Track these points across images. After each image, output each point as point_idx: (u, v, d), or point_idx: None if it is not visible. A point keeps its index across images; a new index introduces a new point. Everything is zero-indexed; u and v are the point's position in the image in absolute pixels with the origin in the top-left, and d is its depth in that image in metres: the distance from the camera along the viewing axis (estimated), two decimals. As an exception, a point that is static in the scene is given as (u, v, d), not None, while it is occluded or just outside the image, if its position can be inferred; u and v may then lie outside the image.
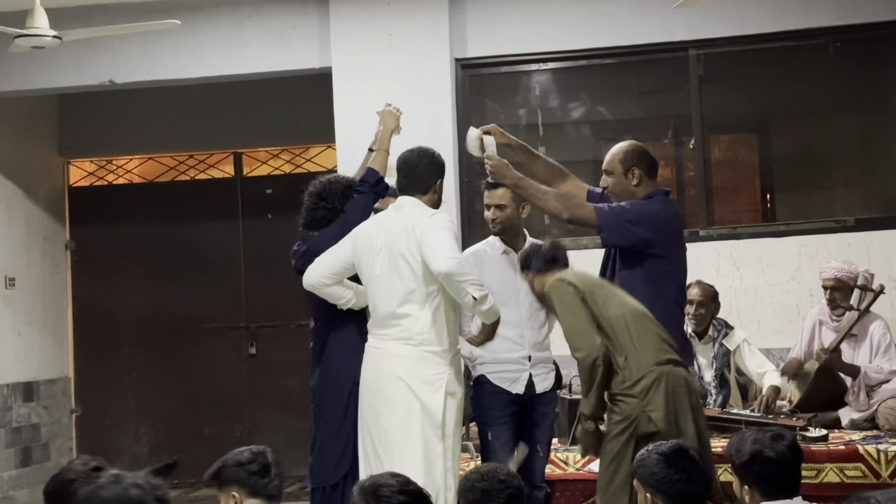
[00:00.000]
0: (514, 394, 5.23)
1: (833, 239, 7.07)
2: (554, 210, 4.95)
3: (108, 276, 9.29)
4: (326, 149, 8.87)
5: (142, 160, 9.54)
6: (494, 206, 5.27)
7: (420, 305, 4.76)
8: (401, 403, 4.73)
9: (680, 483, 3.58)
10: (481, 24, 7.47)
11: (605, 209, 4.89)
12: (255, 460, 3.65)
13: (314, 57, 7.59)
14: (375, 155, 5.33)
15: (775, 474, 3.68)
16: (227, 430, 9.02)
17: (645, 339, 4.45)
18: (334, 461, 5.05)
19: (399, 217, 4.87)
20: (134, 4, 7.53)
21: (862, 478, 5.34)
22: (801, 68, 7.52)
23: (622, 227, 4.83)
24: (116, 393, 9.25)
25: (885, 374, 6.12)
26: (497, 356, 5.24)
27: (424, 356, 4.75)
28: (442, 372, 4.75)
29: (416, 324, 4.76)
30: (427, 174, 4.97)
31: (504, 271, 5.29)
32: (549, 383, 5.33)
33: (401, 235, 4.79)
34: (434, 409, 4.71)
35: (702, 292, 6.45)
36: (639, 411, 4.35)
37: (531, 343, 5.26)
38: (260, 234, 9.15)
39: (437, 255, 4.67)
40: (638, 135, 7.57)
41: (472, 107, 7.54)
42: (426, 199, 4.95)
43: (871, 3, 7.13)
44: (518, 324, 5.23)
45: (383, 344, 4.83)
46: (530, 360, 5.25)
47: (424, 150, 5.05)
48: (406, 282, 4.77)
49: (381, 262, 4.82)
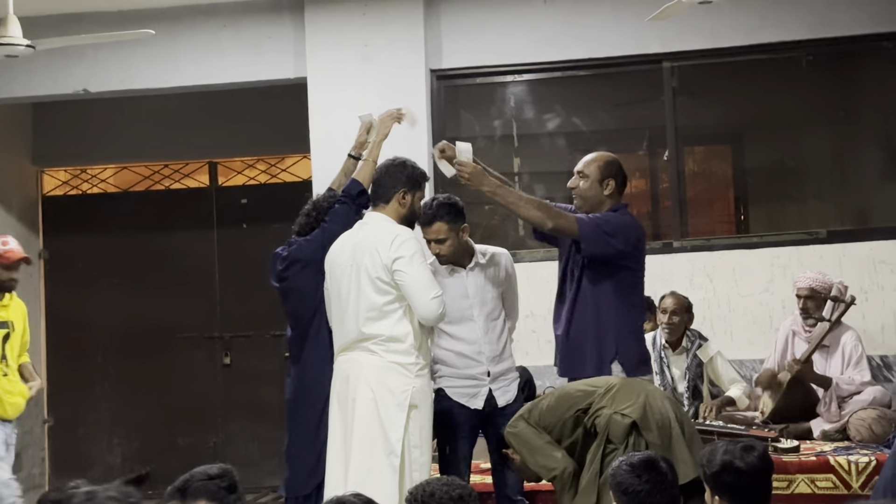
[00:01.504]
0: (473, 409, 5.20)
1: (805, 251, 7.12)
2: (537, 219, 4.92)
3: (81, 286, 9.25)
4: (302, 159, 8.86)
5: (116, 169, 9.50)
6: (434, 241, 5.17)
7: (387, 321, 4.77)
8: (365, 416, 4.73)
9: (643, 494, 3.62)
10: (457, 35, 7.48)
11: (585, 219, 4.91)
12: (224, 476, 3.61)
13: (289, 67, 7.59)
14: (363, 165, 5.28)
15: (745, 485, 3.70)
16: (201, 440, 8.98)
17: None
18: (307, 471, 5.05)
19: (364, 234, 4.86)
20: (108, 14, 7.51)
21: (833, 489, 5.37)
22: (774, 81, 7.57)
23: (601, 238, 4.87)
24: (89, 403, 9.20)
25: (857, 386, 6.15)
26: (456, 371, 5.22)
27: (391, 367, 4.75)
28: (408, 385, 4.74)
29: (384, 338, 4.76)
30: (389, 182, 4.95)
31: (455, 290, 5.22)
32: (511, 395, 5.25)
33: (366, 254, 4.79)
34: (393, 425, 4.69)
35: (676, 302, 6.50)
36: (610, 415, 4.41)
37: (489, 358, 5.21)
38: (235, 244, 9.12)
39: (421, 303, 4.69)
40: (612, 146, 7.61)
41: (448, 118, 7.55)
42: (390, 209, 4.92)
43: (844, 17, 7.19)
44: (474, 340, 5.20)
45: (352, 355, 4.83)
46: (489, 376, 5.22)
47: (394, 159, 5.03)
48: (372, 299, 4.77)
49: (348, 278, 4.83)
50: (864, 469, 5.39)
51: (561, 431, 4.60)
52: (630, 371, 4.89)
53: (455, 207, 5.18)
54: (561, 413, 4.60)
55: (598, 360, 4.91)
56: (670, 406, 4.53)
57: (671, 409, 4.51)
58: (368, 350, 4.78)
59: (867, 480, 5.35)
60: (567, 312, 5.03)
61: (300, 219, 5.26)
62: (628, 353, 4.94)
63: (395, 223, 4.88)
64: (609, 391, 4.54)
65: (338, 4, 7.41)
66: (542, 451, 4.57)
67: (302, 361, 5.16)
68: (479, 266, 5.29)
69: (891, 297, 7.00)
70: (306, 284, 5.10)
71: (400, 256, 4.72)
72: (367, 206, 5.15)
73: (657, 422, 4.38)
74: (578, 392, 4.66)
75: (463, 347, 5.17)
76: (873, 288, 7.01)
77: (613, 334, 4.92)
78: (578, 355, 4.98)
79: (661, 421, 4.39)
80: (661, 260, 7.16)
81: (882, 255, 7.04)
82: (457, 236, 5.18)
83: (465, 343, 5.17)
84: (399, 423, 4.68)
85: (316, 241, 5.11)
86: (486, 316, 5.22)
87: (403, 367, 4.75)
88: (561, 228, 4.92)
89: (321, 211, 5.20)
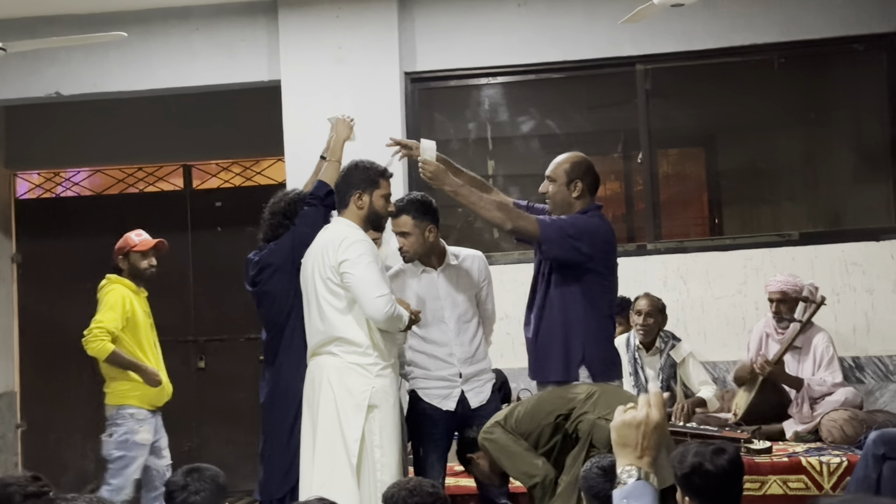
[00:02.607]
0: (445, 410, 5.21)
1: (778, 253, 7.16)
2: (497, 220, 4.92)
3: (55, 290, 9.19)
4: (276, 162, 8.84)
5: (90, 172, 9.46)
6: (399, 234, 5.21)
7: (342, 323, 4.81)
8: (326, 418, 4.76)
9: None
10: (431, 37, 7.49)
11: (547, 222, 4.89)
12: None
13: (263, 70, 7.58)
14: (326, 166, 5.33)
15: (714, 487, 3.71)
16: (176, 444, 8.83)
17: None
18: (281, 474, 5.06)
19: (321, 238, 4.94)
20: (80, 16, 7.47)
21: (805, 490, 5.41)
22: (747, 84, 7.61)
23: (563, 241, 4.85)
24: (63, 408, 9.13)
25: (829, 387, 6.19)
26: (427, 373, 5.23)
27: (351, 368, 4.78)
28: (367, 385, 4.76)
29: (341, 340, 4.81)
30: (344, 187, 5.00)
31: (426, 292, 5.25)
32: (484, 396, 5.25)
33: (319, 257, 4.86)
34: (350, 426, 4.71)
35: (650, 304, 6.53)
36: (594, 420, 4.43)
37: (461, 360, 5.22)
38: (209, 247, 9.09)
39: (367, 302, 4.73)
40: (587, 149, 7.61)
41: (422, 120, 7.55)
42: (350, 213, 4.96)
43: (814, 20, 7.24)
44: (446, 342, 5.21)
45: (318, 359, 4.88)
46: (461, 377, 5.23)
47: (348, 164, 5.07)
48: (327, 300, 4.83)
49: (312, 282, 4.90)
50: (835, 470, 5.43)
51: (538, 437, 4.60)
52: (597, 376, 4.89)
53: (424, 205, 5.19)
54: (539, 419, 4.61)
55: (565, 364, 4.91)
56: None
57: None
58: (330, 352, 4.84)
59: (839, 481, 5.40)
60: (536, 315, 5.04)
61: (263, 226, 5.28)
62: (595, 357, 4.94)
63: (352, 226, 4.92)
64: (591, 397, 4.56)
65: (311, 7, 7.40)
66: (522, 458, 4.58)
67: (276, 365, 5.17)
68: (450, 267, 5.29)
69: (862, 299, 7.05)
70: (279, 288, 5.12)
71: (346, 259, 4.77)
72: (335, 206, 5.20)
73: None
74: (558, 398, 4.66)
75: (434, 349, 5.18)
76: (845, 289, 7.05)
77: (580, 338, 4.92)
78: (546, 358, 4.99)
79: None
80: (634, 262, 7.19)
81: (854, 256, 7.09)
82: (422, 234, 5.18)
83: (436, 345, 5.18)
84: (357, 425, 4.71)
85: (286, 244, 5.14)
86: (457, 318, 5.22)
87: (363, 368, 4.78)
88: (521, 230, 4.91)
89: (285, 214, 5.20)
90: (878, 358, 7.00)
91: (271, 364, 5.22)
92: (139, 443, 6.21)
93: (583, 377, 4.88)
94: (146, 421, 6.25)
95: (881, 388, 6.99)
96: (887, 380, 6.99)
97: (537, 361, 5.03)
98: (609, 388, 4.69)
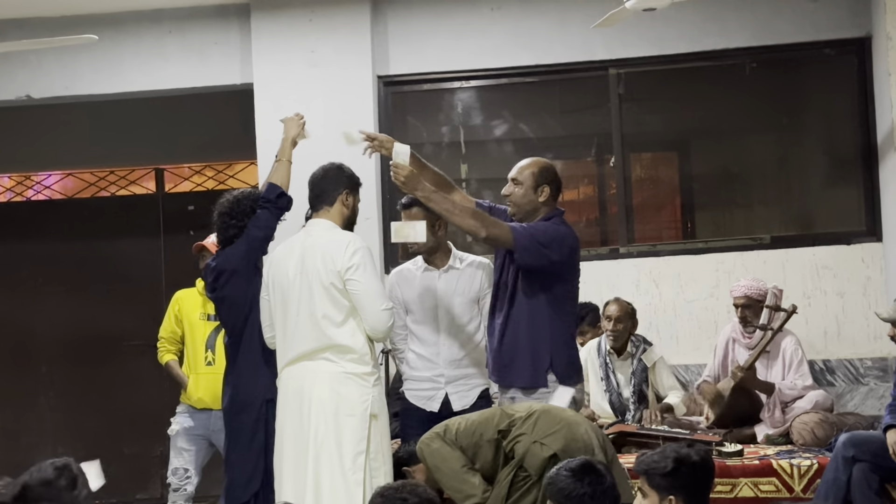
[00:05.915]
0: (429, 411, 5.22)
1: (750, 256, 7.19)
2: (471, 228, 4.87)
3: (26, 294, 9.13)
4: (249, 165, 8.82)
5: (61, 176, 9.41)
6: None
7: (342, 330, 4.74)
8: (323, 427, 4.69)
9: (586, 497, 3.61)
10: (404, 41, 7.49)
11: (519, 229, 4.88)
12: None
13: (236, 73, 7.56)
14: (276, 166, 5.30)
15: (702, 479, 3.75)
16: (148, 449, 8.89)
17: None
18: (245, 479, 5.03)
19: (313, 242, 4.84)
20: (51, 19, 7.43)
21: (776, 492, 5.42)
22: (719, 88, 7.63)
23: (535, 249, 4.84)
24: (34, 412, 9.08)
25: (799, 391, 6.21)
26: (415, 373, 5.25)
27: (350, 378, 4.72)
28: (367, 395, 4.72)
29: (341, 348, 4.73)
30: (331, 185, 4.95)
31: (424, 289, 5.29)
32: (468, 400, 5.28)
33: (318, 261, 4.76)
34: (354, 437, 4.67)
35: (619, 309, 6.52)
36: (529, 444, 4.40)
37: (447, 361, 5.24)
38: (182, 251, 8.96)
39: (371, 313, 4.69)
40: (560, 153, 7.68)
41: (395, 124, 7.54)
42: (334, 212, 4.92)
43: (786, 25, 7.28)
44: (434, 342, 5.23)
45: (308, 364, 4.77)
46: (444, 378, 5.23)
47: (329, 164, 5.05)
48: (326, 307, 4.74)
49: (298, 289, 4.80)
50: (806, 472, 5.45)
51: (475, 452, 4.56)
52: (563, 380, 4.90)
53: None
54: (480, 433, 4.56)
55: (533, 370, 4.90)
56: (593, 433, 4.49)
57: (594, 435, 4.47)
58: (326, 359, 4.74)
59: (809, 484, 5.42)
60: (501, 321, 5.01)
61: (219, 234, 5.25)
62: (561, 362, 4.94)
63: (339, 229, 4.88)
64: (530, 417, 4.50)
65: (284, 10, 7.39)
66: (458, 476, 4.52)
67: (236, 368, 5.15)
68: (453, 270, 5.31)
69: (833, 302, 7.09)
70: (236, 293, 5.10)
71: (353, 265, 4.71)
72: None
73: (581, 451, 4.27)
74: (500, 414, 4.62)
75: (422, 348, 5.19)
76: (816, 293, 7.09)
77: (548, 344, 4.91)
78: (512, 363, 4.97)
79: (584, 450, 4.31)
80: (607, 265, 7.20)
81: (825, 260, 7.12)
82: (431, 227, 5.15)
83: (424, 345, 5.19)
84: (361, 436, 4.66)
85: (240, 248, 5.13)
86: (450, 320, 5.23)
87: (360, 378, 4.73)
88: (495, 238, 4.88)
89: (230, 214, 5.18)
90: (848, 361, 7.04)
91: (232, 368, 5.21)
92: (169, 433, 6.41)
93: (550, 382, 4.89)
94: (179, 414, 6.40)
95: (851, 391, 7.02)
96: (858, 382, 7.02)
97: (503, 366, 5.01)
98: (550, 409, 4.61)
